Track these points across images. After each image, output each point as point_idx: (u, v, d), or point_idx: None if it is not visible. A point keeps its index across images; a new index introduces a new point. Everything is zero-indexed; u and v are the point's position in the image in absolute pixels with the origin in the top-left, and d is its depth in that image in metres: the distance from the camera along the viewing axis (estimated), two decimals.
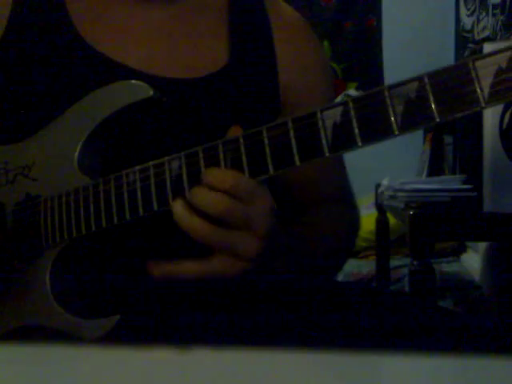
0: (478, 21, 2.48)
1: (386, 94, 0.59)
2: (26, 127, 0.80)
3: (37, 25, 0.82)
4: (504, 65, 0.55)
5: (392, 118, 0.59)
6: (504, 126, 1.29)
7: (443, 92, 0.57)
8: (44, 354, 0.37)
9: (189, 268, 0.68)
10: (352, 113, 0.60)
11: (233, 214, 0.65)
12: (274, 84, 0.88)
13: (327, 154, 0.62)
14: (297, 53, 0.90)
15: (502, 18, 2.16)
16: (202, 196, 0.65)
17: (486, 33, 2.35)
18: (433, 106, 0.57)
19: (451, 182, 1.56)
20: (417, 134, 2.51)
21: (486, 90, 0.56)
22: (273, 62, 0.88)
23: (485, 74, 0.56)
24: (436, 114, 0.57)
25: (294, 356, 0.36)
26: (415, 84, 0.58)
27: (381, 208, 2.25)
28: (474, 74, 0.56)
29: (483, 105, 0.56)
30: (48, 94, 0.80)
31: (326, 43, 2.96)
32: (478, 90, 0.56)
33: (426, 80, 0.58)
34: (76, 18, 0.83)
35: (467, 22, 2.67)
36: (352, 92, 3.01)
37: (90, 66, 0.81)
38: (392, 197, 1.67)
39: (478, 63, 0.56)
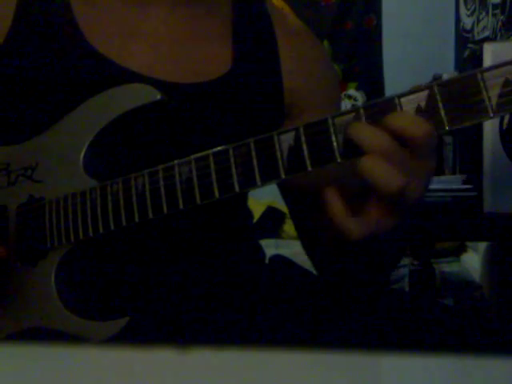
0: (478, 21, 2.48)
1: (397, 101, 0.60)
2: (29, 128, 0.79)
3: (42, 27, 0.82)
4: (511, 76, 0.57)
5: None
6: (504, 126, 1.29)
7: (452, 101, 0.59)
8: (45, 354, 0.37)
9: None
10: (363, 119, 0.61)
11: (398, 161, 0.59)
12: (278, 88, 0.88)
13: (339, 160, 0.62)
14: (301, 58, 0.91)
15: (502, 17, 2.16)
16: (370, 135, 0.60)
17: (486, 33, 2.35)
18: (442, 114, 0.59)
19: (451, 182, 1.56)
20: None
21: (494, 101, 0.57)
22: (277, 67, 0.88)
23: (493, 84, 0.57)
24: (446, 122, 0.59)
25: (294, 356, 0.36)
26: (425, 93, 0.59)
27: None
28: (482, 85, 0.57)
29: (491, 114, 0.58)
30: (51, 96, 0.79)
31: (325, 43, 2.96)
32: (486, 100, 0.57)
33: (436, 89, 0.59)
34: (82, 21, 0.83)
35: (467, 22, 2.67)
36: (352, 92, 3.01)
37: (94, 70, 0.81)
38: None
39: (486, 74, 0.57)
